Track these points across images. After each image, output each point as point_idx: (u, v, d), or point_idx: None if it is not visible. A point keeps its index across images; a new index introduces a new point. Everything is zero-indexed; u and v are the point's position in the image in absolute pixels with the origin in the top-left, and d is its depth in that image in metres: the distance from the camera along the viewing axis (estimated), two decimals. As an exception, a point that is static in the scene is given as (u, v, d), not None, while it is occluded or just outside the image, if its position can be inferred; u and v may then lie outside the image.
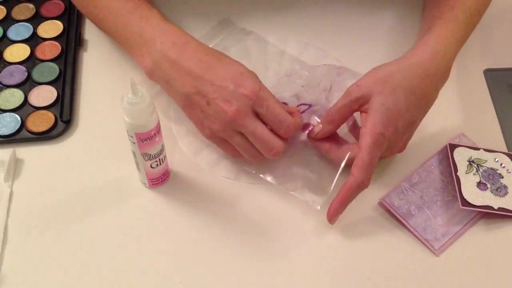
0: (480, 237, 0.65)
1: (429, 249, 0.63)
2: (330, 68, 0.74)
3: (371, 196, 0.67)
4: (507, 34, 0.83)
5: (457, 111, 0.75)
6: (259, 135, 0.62)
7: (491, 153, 0.69)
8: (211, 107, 0.62)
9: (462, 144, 0.70)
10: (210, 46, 0.68)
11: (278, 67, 0.78)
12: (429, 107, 0.66)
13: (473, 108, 0.75)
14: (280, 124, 0.62)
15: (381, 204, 0.66)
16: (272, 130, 0.63)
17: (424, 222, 0.65)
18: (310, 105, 0.69)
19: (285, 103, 0.69)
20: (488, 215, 0.65)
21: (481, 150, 0.69)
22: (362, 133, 0.62)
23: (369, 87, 0.63)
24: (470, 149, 0.69)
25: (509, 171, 0.68)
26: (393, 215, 0.66)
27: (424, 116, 0.66)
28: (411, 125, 0.65)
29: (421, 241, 0.64)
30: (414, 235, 0.64)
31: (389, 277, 0.62)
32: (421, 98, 0.64)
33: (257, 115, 0.63)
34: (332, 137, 0.66)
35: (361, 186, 0.61)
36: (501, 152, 0.69)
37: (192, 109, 0.65)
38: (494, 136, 0.72)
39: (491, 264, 0.63)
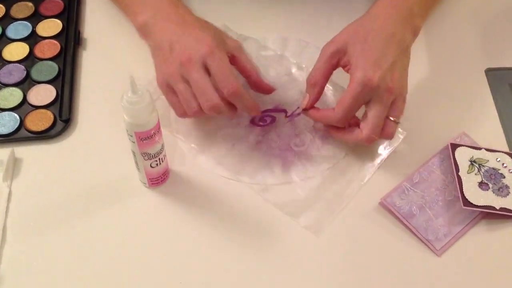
0: (482, 237, 0.64)
1: (431, 249, 0.63)
2: (341, 92, 0.75)
3: (372, 196, 0.66)
4: (508, 34, 0.83)
5: (458, 111, 0.74)
6: (201, 84, 0.64)
7: (492, 153, 0.69)
8: (172, 53, 0.66)
9: (463, 143, 0.70)
10: None
11: (280, 68, 0.78)
12: (405, 49, 0.68)
13: (474, 107, 0.75)
14: (224, 83, 0.64)
15: (382, 204, 0.66)
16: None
17: (425, 222, 0.64)
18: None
19: (284, 110, 0.73)
20: (490, 215, 0.65)
21: (482, 149, 0.69)
22: (350, 80, 0.65)
23: (343, 40, 0.67)
24: (472, 149, 0.69)
25: (510, 171, 0.67)
26: (394, 215, 0.65)
27: (404, 57, 0.67)
28: (397, 65, 0.66)
29: (422, 241, 0.64)
30: (416, 235, 0.64)
31: (390, 277, 0.62)
32: (395, 38, 0.66)
33: (208, 71, 0.65)
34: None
35: (336, 122, 0.66)
36: (502, 151, 0.69)
37: (157, 56, 0.69)
38: (496, 135, 0.72)
39: (492, 265, 0.63)
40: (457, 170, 0.67)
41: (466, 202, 0.64)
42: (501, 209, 0.64)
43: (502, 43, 0.82)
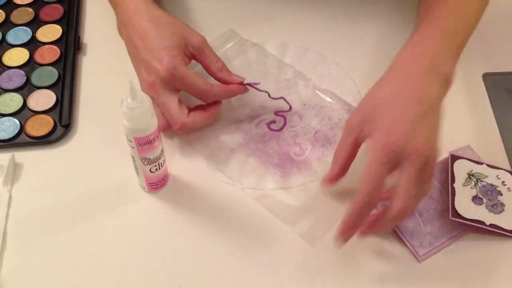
0: (466, 251, 0.64)
1: (413, 254, 0.63)
2: (342, 104, 0.75)
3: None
4: (505, 38, 0.83)
5: (456, 116, 0.74)
6: (167, 108, 0.67)
7: (494, 170, 0.68)
8: (139, 72, 0.69)
9: (465, 156, 0.69)
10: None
11: (278, 73, 0.78)
12: (433, 107, 0.61)
13: (471, 112, 0.75)
14: (202, 94, 0.68)
15: None
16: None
17: (413, 227, 0.64)
18: (257, 83, 0.73)
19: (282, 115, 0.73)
20: (480, 230, 0.64)
21: (484, 165, 0.68)
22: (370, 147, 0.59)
23: (363, 109, 0.62)
24: (472, 163, 0.68)
25: (510, 189, 0.66)
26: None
27: (432, 115, 0.61)
28: (420, 122, 0.59)
29: (406, 245, 0.63)
30: (401, 239, 0.64)
31: (369, 276, 0.62)
32: (418, 95, 0.61)
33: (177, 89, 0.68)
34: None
35: (369, 201, 0.58)
36: (505, 169, 0.68)
37: (134, 67, 0.72)
38: (493, 139, 0.72)
39: (470, 279, 0.62)
40: (453, 181, 0.66)
41: (455, 214, 0.63)
42: (491, 225, 0.63)
43: (499, 48, 0.82)
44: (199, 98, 0.69)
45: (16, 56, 0.80)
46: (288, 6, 0.86)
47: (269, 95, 0.75)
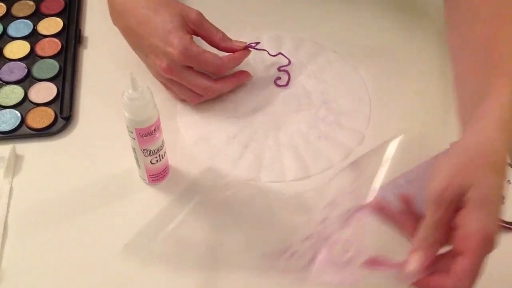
0: None
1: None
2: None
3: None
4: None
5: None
6: (193, 83, 0.69)
7: None
8: (149, 59, 0.70)
9: None
10: None
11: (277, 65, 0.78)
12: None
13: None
14: (216, 68, 0.69)
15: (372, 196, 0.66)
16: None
17: None
18: (257, 43, 0.73)
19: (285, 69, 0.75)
20: None
21: None
22: (462, 235, 0.49)
23: (457, 179, 0.49)
24: None
25: (510, 181, 0.66)
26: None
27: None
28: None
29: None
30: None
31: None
32: (504, 172, 0.52)
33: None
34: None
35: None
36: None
37: (139, 55, 0.72)
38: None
39: None
40: None
41: None
42: None
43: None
44: (212, 73, 0.70)
45: (17, 49, 0.80)
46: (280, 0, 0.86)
47: (268, 53, 0.76)
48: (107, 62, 0.79)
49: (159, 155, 0.64)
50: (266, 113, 0.74)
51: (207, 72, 0.70)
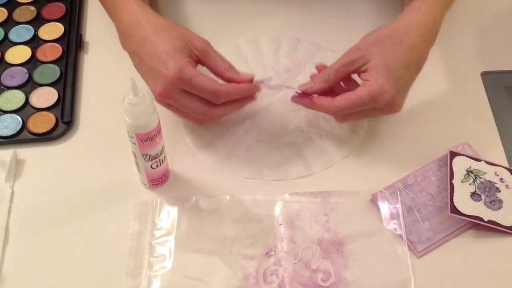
0: (464, 247, 0.64)
1: (412, 250, 0.64)
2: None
3: (364, 192, 0.67)
4: (503, 37, 0.84)
5: (455, 114, 0.75)
6: (190, 109, 0.66)
7: (492, 166, 0.68)
8: (147, 81, 0.67)
9: (464, 153, 0.69)
10: None
11: (277, 66, 0.79)
12: (421, 68, 0.68)
13: (470, 110, 0.76)
14: (213, 95, 0.64)
15: (372, 201, 0.67)
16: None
17: (411, 223, 0.65)
18: (269, 78, 0.71)
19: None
20: (478, 226, 0.64)
21: (482, 162, 0.68)
22: (362, 85, 0.65)
23: (369, 49, 0.66)
24: (471, 160, 0.68)
25: (508, 186, 0.67)
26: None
27: (417, 75, 0.68)
28: (408, 83, 0.67)
29: (405, 241, 0.64)
30: (400, 234, 0.64)
31: (366, 270, 0.62)
32: (418, 56, 0.67)
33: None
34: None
35: (329, 112, 0.67)
36: (503, 167, 0.69)
37: (144, 79, 0.68)
38: (492, 137, 0.73)
39: (468, 275, 0.63)
40: (451, 177, 0.67)
41: (454, 209, 0.64)
42: (489, 221, 0.64)
43: (497, 47, 0.83)
44: (210, 100, 0.65)
45: (19, 54, 0.81)
46: (279, 1, 0.86)
47: (286, 87, 0.72)
48: (108, 67, 0.80)
49: (160, 159, 0.65)
50: (267, 113, 0.74)
51: (204, 97, 0.65)
